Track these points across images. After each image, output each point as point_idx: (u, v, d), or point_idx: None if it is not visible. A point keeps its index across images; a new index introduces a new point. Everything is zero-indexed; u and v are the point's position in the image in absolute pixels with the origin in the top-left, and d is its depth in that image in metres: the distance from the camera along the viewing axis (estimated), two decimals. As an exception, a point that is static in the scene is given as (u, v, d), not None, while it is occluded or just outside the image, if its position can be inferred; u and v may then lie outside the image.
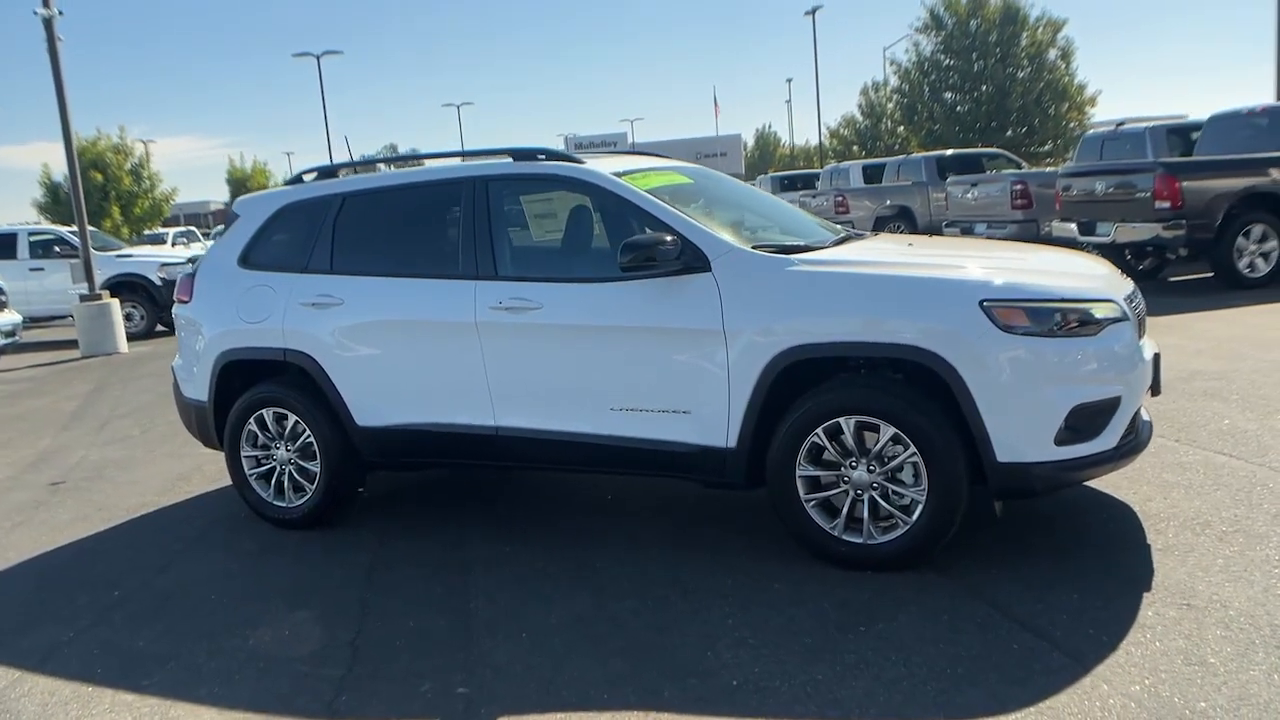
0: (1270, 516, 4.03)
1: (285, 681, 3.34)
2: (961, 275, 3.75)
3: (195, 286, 5.23)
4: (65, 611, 4.13)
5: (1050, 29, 33.56)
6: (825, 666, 3.13)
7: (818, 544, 3.89)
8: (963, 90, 34.33)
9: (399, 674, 3.33)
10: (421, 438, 4.62)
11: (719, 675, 3.13)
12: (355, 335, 4.69)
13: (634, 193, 4.27)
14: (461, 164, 4.73)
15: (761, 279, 3.93)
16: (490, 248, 4.46)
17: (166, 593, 4.27)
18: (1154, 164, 11.34)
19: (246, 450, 5.02)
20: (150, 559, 4.73)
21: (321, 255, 4.86)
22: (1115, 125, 15.77)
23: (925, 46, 35.38)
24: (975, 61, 33.77)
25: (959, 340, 3.59)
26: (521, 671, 3.27)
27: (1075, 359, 3.61)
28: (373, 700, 3.16)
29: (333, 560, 4.50)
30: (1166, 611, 3.29)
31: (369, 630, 3.69)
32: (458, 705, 3.09)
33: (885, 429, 3.71)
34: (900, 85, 36.59)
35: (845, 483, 3.83)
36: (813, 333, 3.79)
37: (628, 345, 4.11)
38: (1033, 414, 3.58)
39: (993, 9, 33.68)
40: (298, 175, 5.28)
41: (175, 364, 5.46)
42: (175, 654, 3.62)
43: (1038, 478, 3.63)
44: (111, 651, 3.70)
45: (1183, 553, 3.75)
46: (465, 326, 4.39)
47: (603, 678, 3.18)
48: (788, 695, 2.98)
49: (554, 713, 2.99)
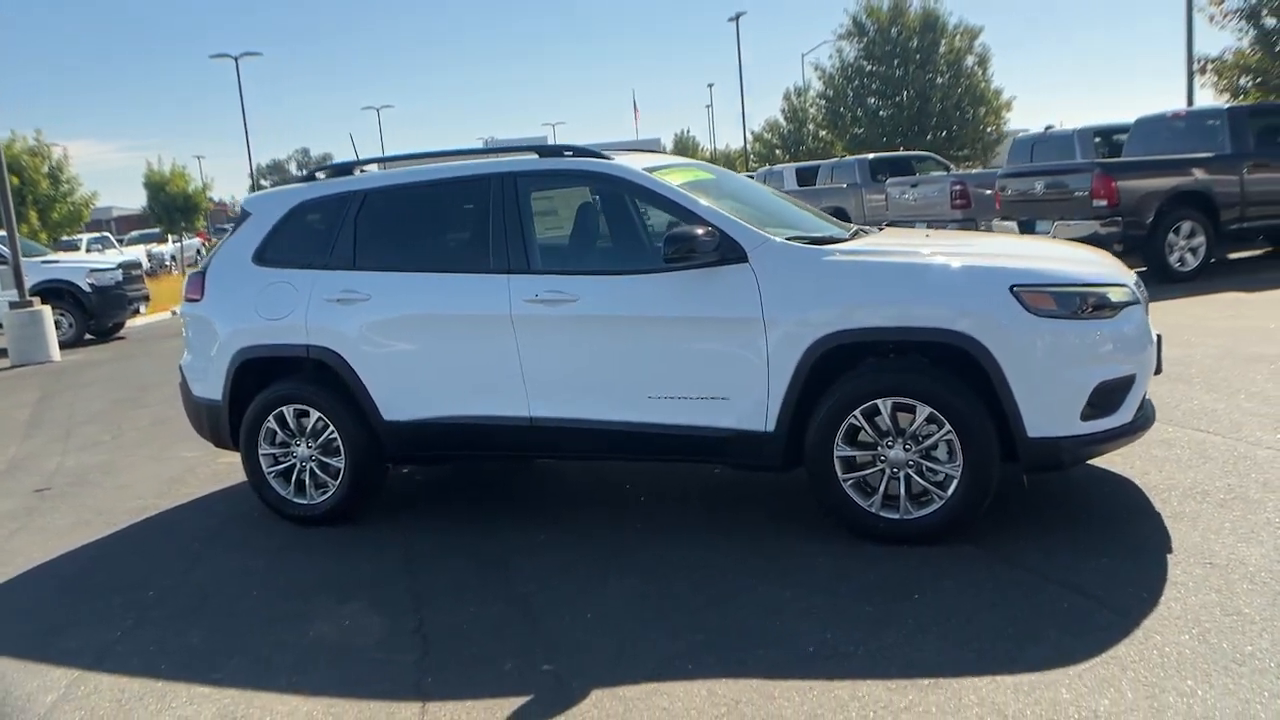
0: (1260, 485, 4.36)
1: (363, 668, 3.38)
2: (991, 262, 3.98)
3: (206, 284, 5.18)
4: (102, 613, 4.08)
5: (967, 36, 34.74)
6: (892, 632, 3.31)
7: (856, 521, 4.07)
8: (885, 96, 35.29)
9: (476, 656, 3.40)
10: (451, 430, 4.67)
11: (793, 643, 3.28)
12: (383, 330, 4.71)
13: (667, 187, 4.41)
14: (487, 161, 4.79)
15: (799, 269, 4.10)
16: (522, 242, 4.54)
17: (203, 591, 4.24)
18: (1091, 164, 11.92)
19: (264, 448, 4.99)
20: (172, 559, 4.68)
21: (344, 251, 4.87)
22: (1045, 129, 16.48)
23: (848, 52, 36.27)
24: (897, 68, 34.73)
25: (992, 324, 3.81)
26: (598, 648, 3.38)
27: (1096, 340, 3.87)
28: (459, 681, 3.23)
29: (363, 555, 4.52)
30: (1193, 570, 3.56)
31: (430, 619, 3.74)
32: (547, 681, 3.17)
33: (921, 409, 3.91)
34: (825, 90, 37.41)
35: (882, 462, 4.02)
36: (851, 320, 3.97)
37: (667, 335, 4.24)
38: (1061, 392, 3.82)
39: (913, 17, 34.72)
40: (310, 173, 5.28)
41: (184, 363, 5.39)
42: (237, 648, 3.62)
43: (1065, 451, 3.87)
44: (168, 648, 3.67)
45: (1191, 519, 4.04)
46: (499, 319, 4.47)
47: (681, 650, 3.30)
48: (865, 659, 3.14)
49: (644, 683, 3.10)
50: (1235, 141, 11.70)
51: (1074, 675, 2.93)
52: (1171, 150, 12.21)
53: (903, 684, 2.97)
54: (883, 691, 2.93)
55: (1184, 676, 2.86)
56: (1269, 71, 19.62)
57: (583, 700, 3.03)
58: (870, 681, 3.00)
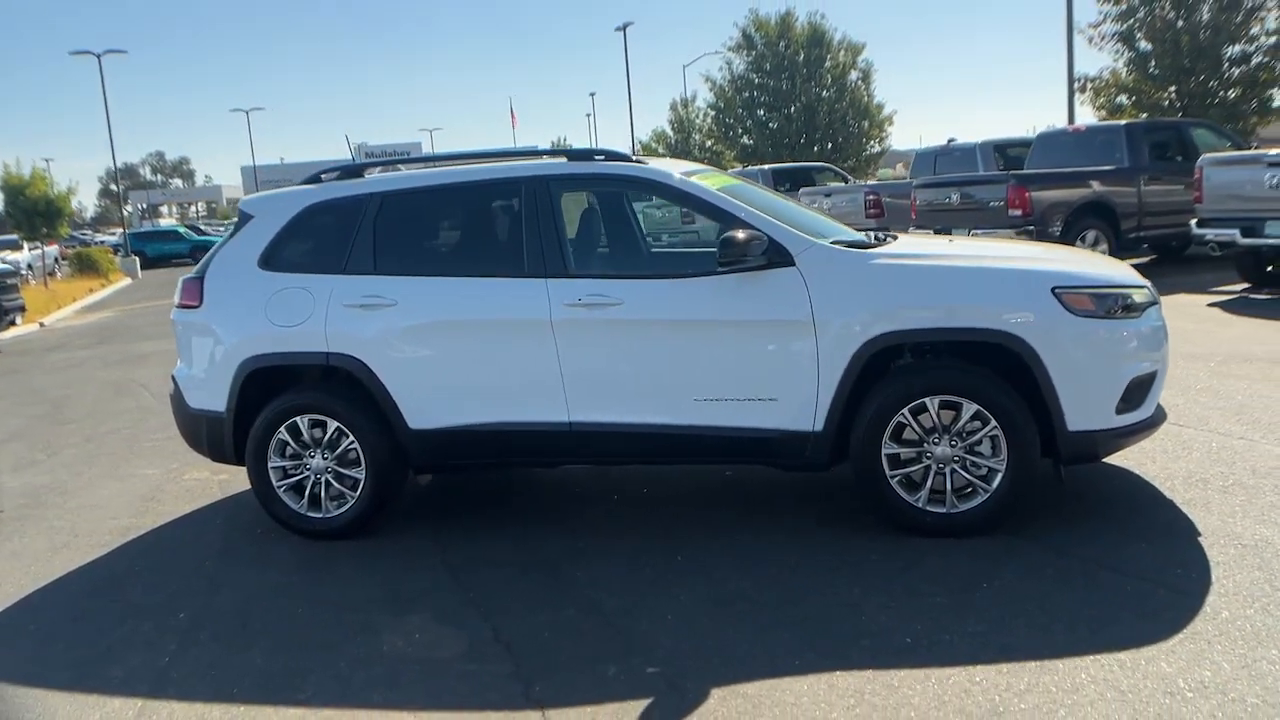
0: (1250, 471, 4.71)
1: (459, 680, 3.30)
2: (1031, 265, 4.19)
3: (206, 289, 4.94)
4: (136, 638, 3.84)
5: (851, 53, 35.98)
6: (974, 620, 3.44)
7: (903, 517, 4.21)
8: (774, 108, 36.17)
9: (573, 662, 3.36)
10: (484, 438, 4.59)
11: (887, 636, 3.38)
12: (410, 337, 4.60)
13: (710, 192, 4.46)
14: (515, 164, 4.74)
15: (847, 272, 4.22)
16: (559, 246, 4.52)
17: (240, 610, 4.04)
18: (1006, 175, 12.55)
19: (275, 461, 4.79)
20: (189, 580, 4.44)
21: (362, 256, 4.73)
22: (948, 142, 17.27)
23: (737, 65, 37.05)
24: (785, 81, 35.66)
25: (1036, 324, 4.01)
26: (693, 650, 3.39)
27: (1126, 338, 4.12)
28: (567, 687, 3.19)
29: (398, 567, 4.40)
30: (1228, 551, 3.83)
31: (504, 627, 3.68)
32: (658, 683, 3.17)
33: (968, 406, 4.08)
34: (716, 101, 38.09)
35: (928, 458, 4.17)
36: (902, 321, 4.11)
37: (715, 338, 4.29)
38: (1100, 387, 4.05)
39: (799, 31, 35.74)
40: (315, 175, 5.10)
41: (178, 372, 5.12)
42: (309, 666, 3.48)
43: (1101, 444, 4.11)
44: (231, 671, 3.50)
45: (1203, 505, 4.34)
46: (539, 324, 4.42)
47: (778, 647, 3.35)
48: (961, 647, 3.26)
49: (758, 680, 3.14)
50: (1133, 156, 12.54)
51: (1166, 651, 3.12)
52: (1072, 163, 12.99)
53: (1011, 667, 3.09)
54: (996, 675, 3.05)
55: (1266, 647, 3.08)
56: (1143, 91, 21.10)
57: (706, 700, 3.04)
58: (979, 667, 3.11)
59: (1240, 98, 20.35)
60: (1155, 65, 20.69)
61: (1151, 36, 20.47)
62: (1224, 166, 10.41)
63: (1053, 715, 2.81)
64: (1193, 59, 19.91)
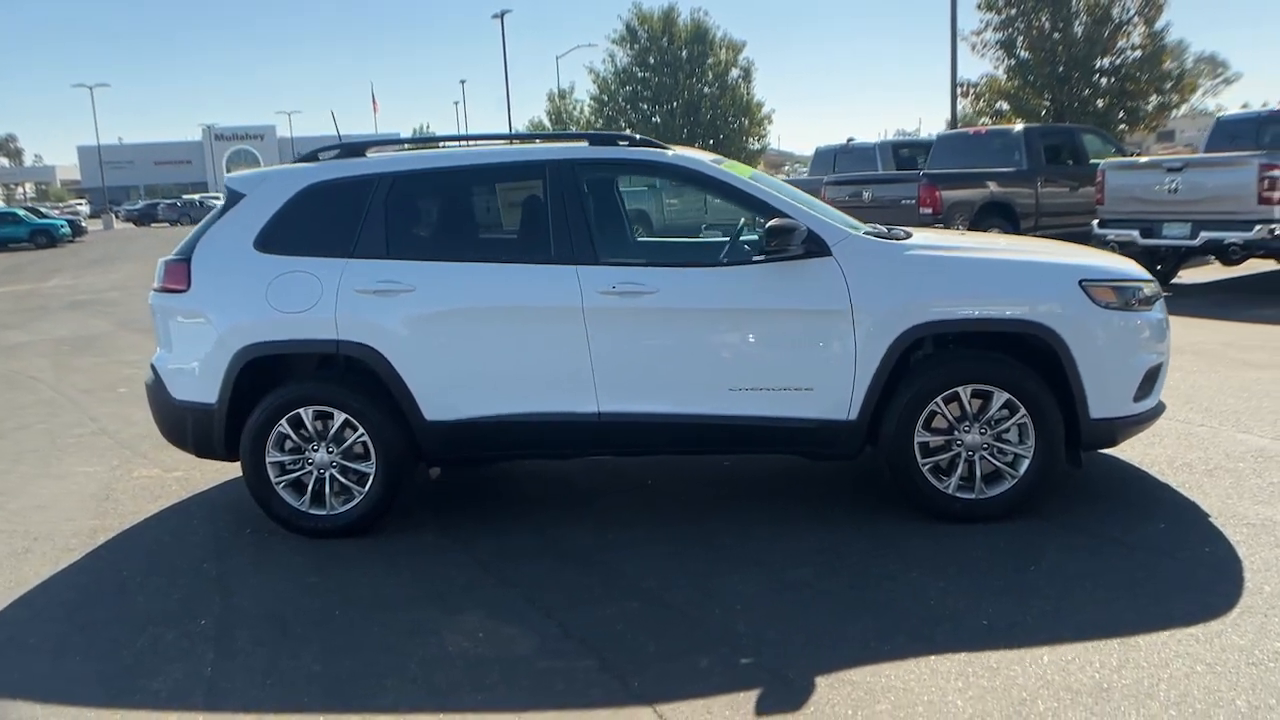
0: (1224, 456, 5.04)
1: (546, 679, 3.18)
2: (1057, 259, 4.36)
3: (194, 273, 4.59)
4: (163, 648, 3.54)
5: (732, 50, 36.59)
6: (1038, 601, 3.56)
7: (933, 503, 4.31)
8: (657, 102, 36.44)
9: (660, 655, 3.30)
10: (506, 429, 4.44)
11: (965, 619, 3.45)
12: (430, 324, 4.40)
13: (744, 181, 4.44)
14: (536, 147, 4.60)
15: (883, 263, 4.28)
16: (588, 232, 4.41)
17: (271, 614, 3.79)
18: (918, 174, 13.03)
19: (274, 455, 4.51)
20: (193, 583, 4.13)
21: (373, 239, 4.49)
22: (847, 141, 17.79)
23: (620, 58, 37.13)
24: (668, 76, 35.97)
25: (1066, 315, 4.17)
26: (779, 639, 3.38)
27: (1141, 328, 4.34)
28: (667, 682, 3.13)
29: (425, 563, 4.22)
30: (1240, 530, 4.08)
31: (570, 622, 3.58)
32: (761, 675, 3.14)
33: (999, 395, 4.21)
34: (599, 94, 38.07)
35: (957, 445, 4.28)
36: (937, 311, 4.20)
37: (752, 327, 4.28)
38: (1121, 376, 4.25)
39: (683, 27, 36.10)
40: (313, 153, 4.81)
41: (158, 361, 4.74)
42: (378, 670, 3.29)
43: (1119, 431, 4.32)
44: (290, 678, 3.27)
45: (1198, 488, 4.61)
46: (569, 311, 4.31)
47: (864, 633, 3.37)
48: (1036, 627, 3.36)
49: (858, 666, 3.15)
50: (1030, 159, 13.22)
51: (1230, 624, 3.30)
52: (970, 164, 13.61)
53: (1095, 645, 3.21)
54: (1085, 653, 3.16)
55: (1320, 616, 3.31)
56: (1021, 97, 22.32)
57: (815, 689, 3.04)
58: (1065, 646, 3.22)
59: (1109, 107, 21.81)
60: (1033, 74, 21.93)
61: (1031, 46, 21.67)
62: (1125, 171, 11.10)
63: (1154, 689, 2.93)
64: (1068, 69, 21.20)
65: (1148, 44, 21.21)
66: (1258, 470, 4.80)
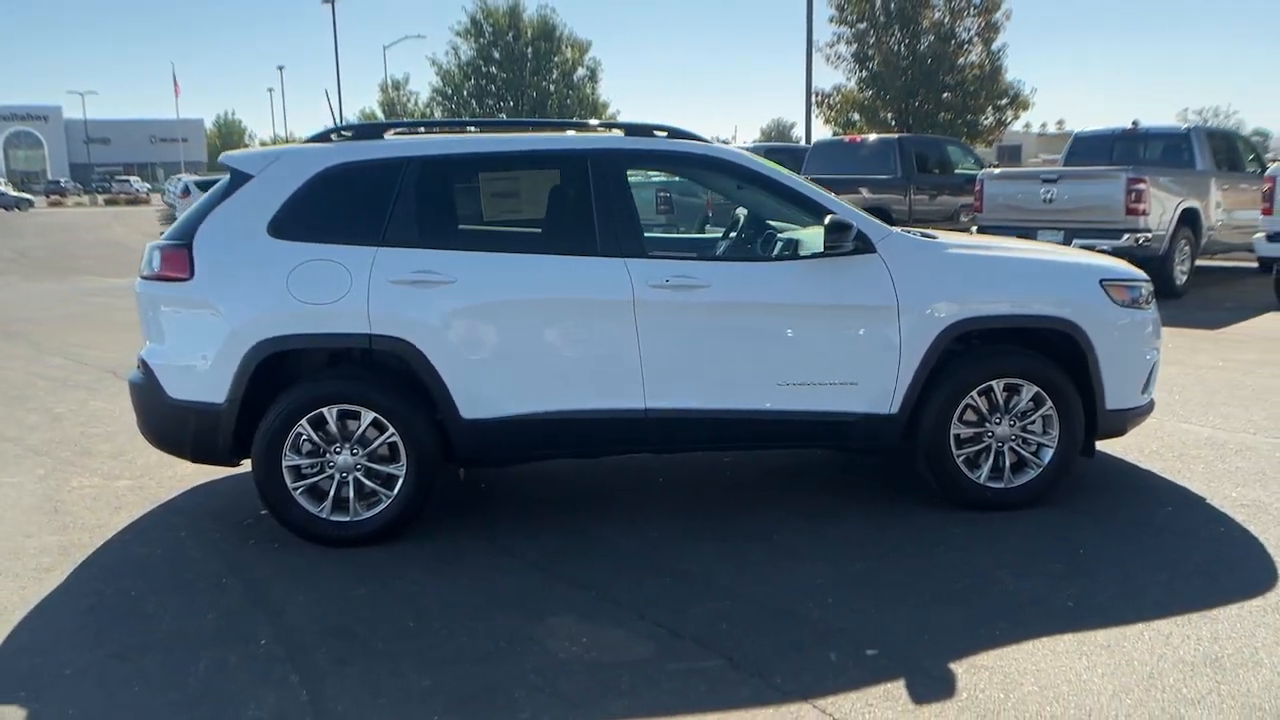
0: (1183, 445, 5.50)
1: (684, 681, 3.09)
2: (1079, 259, 4.62)
3: (198, 259, 4.17)
4: (234, 671, 3.20)
5: (578, 49, 36.62)
6: (1107, 581, 3.77)
7: (965, 493, 4.48)
8: (503, 97, 35.98)
9: (783, 650, 3.27)
10: (547, 427, 4.28)
11: (1049, 602, 3.60)
12: (471, 317, 4.19)
13: (792, 178, 4.47)
14: (578, 135, 4.46)
15: (925, 260, 4.41)
16: (633, 224, 4.32)
17: (338, 629, 3.49)
18: (808, 179, 13.43)
19: (291, 459, 4.17)
20: (222, 600, 3.76)
21: (404, 226, 4.23)
22: (721, 144, 18.14)
23: (465, 51, 36.42)
24: (513, 71, 35.59)
25: (1090, 312, 4.44)
26: (887, 629, 3.42)
27: (1144, 324, 4.66)
28: (806, 675, 3.10)
29: (475, 566, 4.02)
30: (1237, 510, 4.47)
31: (668, 623, 3.49)
32: (895, 664, 3.17)
33: (1028, 388, 4.43)
34: (443, 87, 37.19)
35: (988, 437, 4.47)
36: (977, 308, 4.38)
37: (802, 322, 4.32)
38: (1134, 369, 4.56)
39: (529, 23, 35.81)
40: (325, 133, 4.48)
41: (149, 356, 4.28)
42: (497, 683, 3.10)
43: (1129, 420, 4.64)
44: (405, 696, 3.04)
45: (1178, 475, 5.01)
46: (619, 305, 4.21)
47: (965, 621, 3.46)
48: (1121, 606, 3.55)
49: (983, 651, 3.23)
50: (904, 167, 13.94)
51: (1285, 595, 3.60)
52: (845, 171, 14.21)
53: (1183, 619, 3.43)
54: (1176, 627, 3.37)
55: (1364, 585, 3.66)
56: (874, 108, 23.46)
57: (956, 675, 3.09)
58: (1156, 622, 3.42)
59: (952, 120, 23.29)
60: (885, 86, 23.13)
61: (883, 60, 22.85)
62: (1002, 180, 11.89)
63: (1256, 659, 3.16)
64: (916, 83, 22.48)
65: (985, 63, 22.96)
66: (1220, 457, 5.26)
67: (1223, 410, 6.24)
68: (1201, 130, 12.13)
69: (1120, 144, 12.74)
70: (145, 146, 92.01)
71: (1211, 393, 6.72)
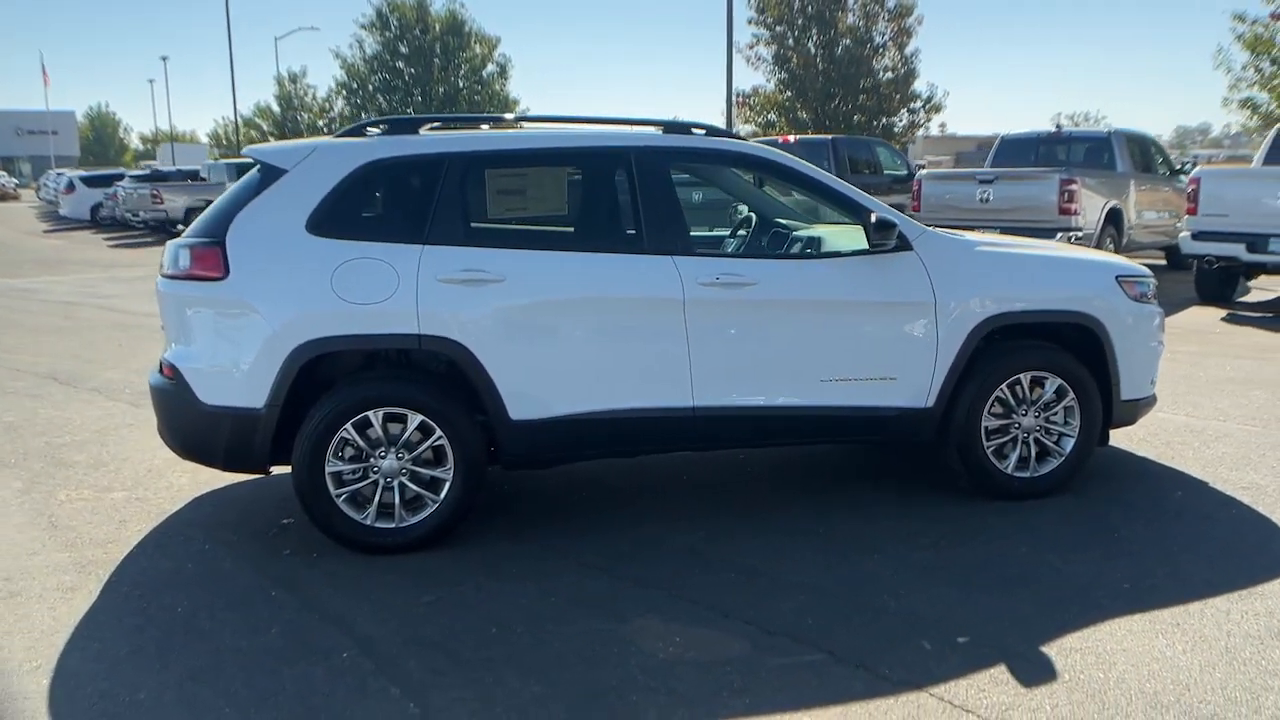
0: (1169, 433, 5.79)
1: (794, 674, 3.12)
2: (1094, 257, 4.82)
3: (232, 257, 3.98)
4: (324, 687, 3.08)
5: (486, 45, 36.18)
6: (1155, 563, 3.95)
7: (994, 483, 4.63)
8: (410, 92, 35.28)
9: (878, 641, 3.33)
10: (596, 426, 4.25)
11: (1106, 585, 3.75)
12: (522, 316, 4.12)
13: (831, 178, 4.53)
14: (620, 130, 4.43)
15: (958, 258, 4.54)
16: (680, 222, 4.32)
17: (420, 640, 3.39)
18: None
19: (333, 465, 4.03)
20: (280, 613, 3.60)
21: (449, 224, 4.13)
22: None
23: (370, 44, 35.57)
24: (421, 66, 34.95)
25: (1109, 307, 4.64)
26: (968, 618, 3.50)
27: (1154, 319, 4.90)
28: (908, 665, 3.16)
29: (532, 571, 3.95)
30: (1240, 493, 4.74)
31: (754, 619, 3.50)
32: (988, 651, 3.25)
33: (1051, 381, 4.60)
34: (348, 81, 36.23)
35: (1015, 429, 4.63)
36: (1010, 304, 4.52)
37: (846, 319, 4.39)
38: (1146, 361, 4.79)
39: (436, 18, 35.21)
40: (359, 126, 4.32)
41: (177, 359, 4.06)
42: (603, 686, 3.06)
43: (1140, 410, 4.87)
44: (519, 705, 2.97)
45: (1176, 460, 5.28)
46: (670, 303, 4.20)
47: (1037, 605, 3.59)
48: (1169, 586, 3.73)
49: (1066, 635, 3.35)
50: (838, 167, 14.24)
51: (1320, 570, 3.84)
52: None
53: (1239, 595, 3.63)
54: (1234, 604, 3.56)
55: (1377, 561, 3.93)
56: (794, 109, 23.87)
57: (1051, 659, 3.20)
58: (1215, 599, 3.60)
59: (866, 122, 23.90)
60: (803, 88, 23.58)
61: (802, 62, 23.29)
62: (940, 181, 12.27)
63: (1317, 629, 3.37)
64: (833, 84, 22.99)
65: (899, 66, 23.69)
66: (1204, 443, 5.56)
67: (1189, 399, 6.59)
68: (1121, 134, 12.76)
69: (1044, 146, 13.31)
70: (11, 139, 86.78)
71: (1172, 384, 7.06)
